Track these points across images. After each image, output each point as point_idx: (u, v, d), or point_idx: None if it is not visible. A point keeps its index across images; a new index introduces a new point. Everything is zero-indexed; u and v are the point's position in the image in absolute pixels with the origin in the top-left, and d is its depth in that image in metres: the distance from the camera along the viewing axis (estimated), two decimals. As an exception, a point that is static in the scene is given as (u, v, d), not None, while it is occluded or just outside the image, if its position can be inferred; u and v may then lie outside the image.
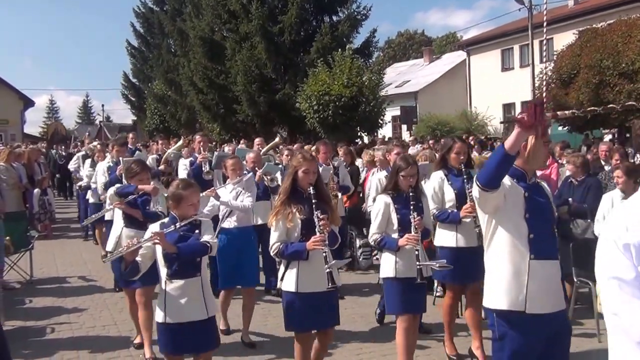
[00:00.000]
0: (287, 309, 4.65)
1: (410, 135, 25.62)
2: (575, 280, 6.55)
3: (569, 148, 11.87)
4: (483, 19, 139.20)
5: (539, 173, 8.96)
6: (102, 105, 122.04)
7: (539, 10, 24.90)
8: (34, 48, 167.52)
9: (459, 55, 41.41)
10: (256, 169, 7.89)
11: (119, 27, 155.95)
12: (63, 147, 24.91)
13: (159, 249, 4.35)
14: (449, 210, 5.70)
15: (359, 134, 24.47)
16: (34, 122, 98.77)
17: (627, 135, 19.70)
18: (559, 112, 4.29)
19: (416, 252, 4.94)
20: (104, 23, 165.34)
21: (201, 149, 8.75)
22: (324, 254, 4.37)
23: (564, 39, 23.81)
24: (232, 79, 27.87)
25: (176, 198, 4.46)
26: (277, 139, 12.12)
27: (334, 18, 28.25)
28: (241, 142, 16.68)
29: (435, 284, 7.69)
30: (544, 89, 22.46)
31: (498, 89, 34.16)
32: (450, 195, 5.74)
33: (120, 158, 7.81)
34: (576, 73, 20.34)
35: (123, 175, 6.39)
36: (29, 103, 42.88)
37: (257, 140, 12.06)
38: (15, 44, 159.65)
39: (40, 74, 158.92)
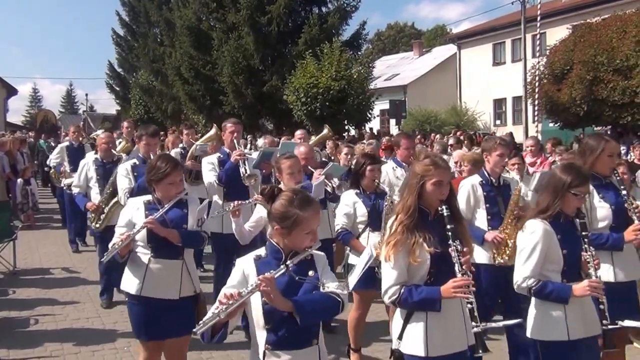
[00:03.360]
0: None
1: (399, 130, 25.43)
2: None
3: (561, 145, 11.72)
4: (475, 12, 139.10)
5: (530, 170, 8.89)
6: (86, 95, 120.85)
7: (532, 4, 24.79)
8: (19, 36, 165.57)
9: (450, 49, 41.16)
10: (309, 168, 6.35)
11: (104, 15, 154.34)
12: (53, 137, 24.03)
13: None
14: (606, 233, 4.38)
15: (346, 127, 24.26)
16: (16, 111, 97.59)
17: (620, 132, 19.56)
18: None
19: (601, 307, 3.65)
20: (90, 11, 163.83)
21: (235, 142, 6.54)
22: (470, 305, 3.25)
23: (557, 34, 23.64)
24: (218, 69, 27.51)
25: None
26: (325, 131, 9.17)
27: (323, 9, 27.92)
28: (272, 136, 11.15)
29: None
30: (536, 84, 22.33)
31: (489, 83, 34.01)
32: (605, 212, 4.47)
33: (153, 154, 6.11)
34: (569, 69, 20.15)
35: (146, 177, 4.79)
36: (12, 91, 42.06)
37: (298, 133, 9.43)
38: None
39: (24, 63, 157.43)
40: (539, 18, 23.53)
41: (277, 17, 26.27)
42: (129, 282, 4.34)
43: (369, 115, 24.19)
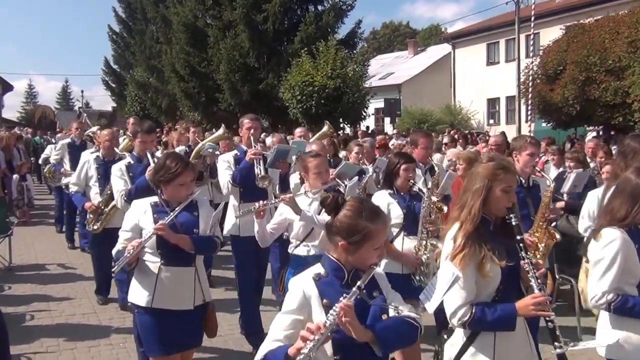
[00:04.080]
0: None
1: (394, 128, 25.54)
2: (557, 277, 6.52)
3: (554, 144, 11.89)
4: (470, 11, 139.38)
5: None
6: (82, 92, 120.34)
7: (526, 4, 24.94)
8: (14, 32, 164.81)
9: (444, 48, 41.28)
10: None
11: (101, 12, 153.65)
12: (50, 133, 23.78)
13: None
14: None
15: (341, 125, 24.35)
16: (11, 107, 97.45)
17: (612, 132, 19.75)
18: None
19: (549, 325, 3.21)
20: (86, 7, 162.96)
21: (252, 139, 6.03)
22: (551, 324, 2.94)
23: (550, 34, 23.79)
24: (214, 67, 27.56)
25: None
26: (325, 128, 8.68)
27: (319, 7, 28.02)
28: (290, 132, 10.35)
29: None
30: (530, 84, 22.49)
31: (483, 83, 34.16)
32: None
33: (148, 152, 5.93)
34: (562, 69, 20.35)
35: (153, 178, 4.44)
36: (7, 87, 41.94)
37: (298, 131, 9.00)
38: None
39: (20, 59, 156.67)
40: (532, 18, 23.68)
41: (273, 15, 26.36)
42: (138, 294, 4.02)
43: (364, 114, 24.32)
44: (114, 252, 4.03)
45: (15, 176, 11.99)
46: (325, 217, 4.40)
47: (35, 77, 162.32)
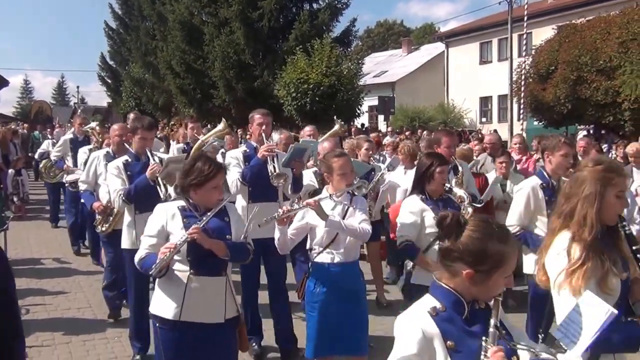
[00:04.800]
0: None
1: (388, 126, 25.70)
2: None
3: (546, 143, 11.99)
4: (464, 11, 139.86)
5: (518, 167, 9.18)
6: (77, 87, 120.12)
7: (519, 4, 25.09)
8: (10, 27, 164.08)
9: (437, 47, 41.52)
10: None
11: (97, 8, 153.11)
12: (49, 129, 23.25)
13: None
14: None
15: (336, 123, 24.40)
16: (7, 102, 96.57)
17: (602, 131, 19.93)
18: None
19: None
20: (82, 3, 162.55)
21: (263, 135, 5.69)
22: None
23: (542, 34, 23.97)
24: (209, 64, 27.63)
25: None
26: (336, 127, 8.29)
27: (314, 5, 28.02)
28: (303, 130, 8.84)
29: None
30: (522, 83, 22.65)
31: (475, 82, 34.39)
32: None
33: (148, 150, 5.56)
34: (554, 68, 20.51)
35: (182, 181, 3.86)
36: (3, 82, 41.73)
37: (307, 129, 8.22)
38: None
39: (16, 54, 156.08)
40: (525, 18, 23.83)
41: (268, 13, 26.40)
42: (164, 306, 3.71)
43: (358, 111, 24.41)
44: (136, 259, 3.74)
45: (10, 171, 12.06)
46: (353, 221, 4.30)
47: (31, 72, 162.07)
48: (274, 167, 5.42)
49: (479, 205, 5.51)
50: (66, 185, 9.58)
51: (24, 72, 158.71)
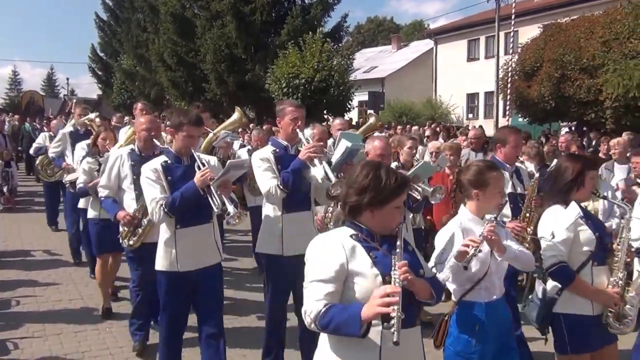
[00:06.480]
0: None
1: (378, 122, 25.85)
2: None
3: (531, 139, 12.24)
4: (453, 9, 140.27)
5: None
6: (67, 79, 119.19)
7: (506, 3, 25.34)
8: (0, 18, 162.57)
9: (426, 44, 41.91)
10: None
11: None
12: (37, 119, 22.78)
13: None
14: None
15: (326, 117, 24.64)
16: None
17: (584, 128, 20.29)
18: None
19: None
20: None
21: (299, 132, 4.78)
22: None
23: (528, 33, 24.36)
24: (201, 57, 27.76)
25: None
26: (372, 120, 7.63)
27: (306, 0, 28.32)
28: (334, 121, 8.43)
29: None
30: (508, 80, 22.96)
31: (463, 78, 34.75)
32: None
33: (193, 150, 4.55)
34: (539, 66, 20.93)
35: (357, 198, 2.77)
36: (-9, 73, 41.48)
37: (337, 122, 7.25)
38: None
39: (5, 45, 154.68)
40: (513, 17, 24.11)
41: (260, 7, 26.65)
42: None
43: (349, 106, 24.61)
44: (311, 315, 2.58)
45: (-1, 162, 11.80)
46: (514, 245, 3.55)
47: (20, 63, 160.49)
48: (324, 172, 4.46)
49: None
50: (66, 186, 7.89)
51: (12, 63, 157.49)
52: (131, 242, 5.34)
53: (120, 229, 5.42)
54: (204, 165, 4.38)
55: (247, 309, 6.81)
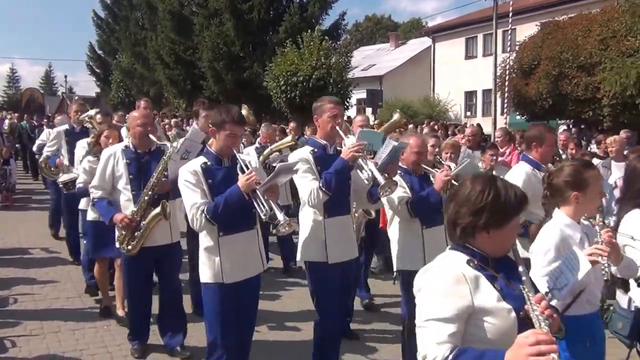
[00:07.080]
0: None
1: (375, 119, 25.87)
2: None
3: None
4: (450, 7, 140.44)
5: (499, 159, 9.42)
6: (65, 77, 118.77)
7: (504, 1, 25.35)
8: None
9: (424, 42, 41.88)
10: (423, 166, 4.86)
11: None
12: (38, 117, 22.46)
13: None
14: None
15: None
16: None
17: (582, 126, 20.30)
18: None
19: None
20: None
21: (339, 130, 4.53)
22: None
23: (526, 30, 24.30)
24: (199, 55, 27.76)
25: None
26: (396, 116, 7.50)
27: (304, -1, 28.28)
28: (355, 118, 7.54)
29: None
30: (505, 78, 22.97)
31: (461, 76, 34.72)
32: None
33: (235, 150, 4.21)
34: (537, 64, 20.89)
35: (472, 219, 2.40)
36: (-11, 71, 41.48)
37: (359, 119, 6.95)
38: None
39: (3, 42, 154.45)
40: (510, 15, 24.12)
41: (258, 5, 26.66)
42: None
43: (347, 104, 24.61)
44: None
45: (-3, 160, 11.73)
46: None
47: (18, 61, 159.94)
48: (370, 172, 4.21)
49: None
50: (60, 186, 7.46)
51: (10, 61, 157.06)
52: (129, 247, 5.05)
53: (117, 233, 5.12)
54: (247, 167, 4.03)
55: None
